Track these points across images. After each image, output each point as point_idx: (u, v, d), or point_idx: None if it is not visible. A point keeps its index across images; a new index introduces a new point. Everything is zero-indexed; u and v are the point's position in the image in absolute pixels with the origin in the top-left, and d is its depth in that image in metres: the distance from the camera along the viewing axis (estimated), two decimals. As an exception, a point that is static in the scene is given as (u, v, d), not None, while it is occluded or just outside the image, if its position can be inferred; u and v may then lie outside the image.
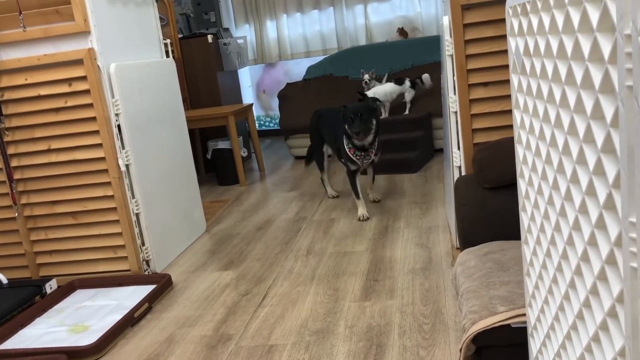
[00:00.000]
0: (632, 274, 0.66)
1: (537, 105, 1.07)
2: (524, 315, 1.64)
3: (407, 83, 4.95)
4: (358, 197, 3.51)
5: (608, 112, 0.70)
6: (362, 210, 3.49)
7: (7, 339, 2.38)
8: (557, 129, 0.95)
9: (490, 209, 2.23)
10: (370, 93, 4.80)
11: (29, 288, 2.70)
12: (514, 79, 1.25)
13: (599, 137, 0.74)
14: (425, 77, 4.98)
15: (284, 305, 2.42)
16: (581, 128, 0.81)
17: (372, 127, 3.41)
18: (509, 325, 1.66)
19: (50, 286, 2.76)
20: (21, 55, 2.76)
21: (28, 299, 2.64)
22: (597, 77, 0.73)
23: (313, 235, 3.26)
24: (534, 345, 1.34)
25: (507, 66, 2.31)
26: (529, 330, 1.37)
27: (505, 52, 2.30)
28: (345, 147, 3.52)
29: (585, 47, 0.75)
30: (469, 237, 2.26)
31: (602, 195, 0.75)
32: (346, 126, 3.42)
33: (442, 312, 2.17)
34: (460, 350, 1.75)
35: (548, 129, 1.01)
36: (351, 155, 3.50)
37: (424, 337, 2.01)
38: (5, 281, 2.77)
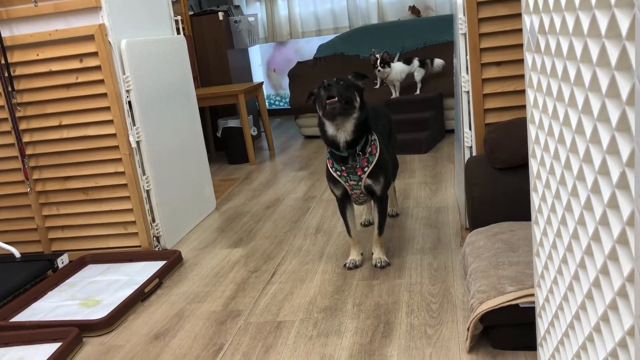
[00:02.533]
0: (644, 253, 0.66)
1: (551, 84, 1.06)
2: (533, 295, 1.65)
3: (416, 62, 4.89)
4: (349, 234, 2.54)
5: (624, 89, 0.69)
6: (352, 255, 2.52)
7: (21, 312, 2.42)
8: (570, 108, 0.94)
9: (500, 190, 2.22)
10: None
11: (41, 262, 2.73)
12: (528, 57, 1.23)
13: (614, 115, 0.73)
14: (438, 62, 4.91)
15: (293, 282, 2.44)
16: (596, 106, 0.80)
17: (354, 99, 2.27)
18: (517, 305, 1.67)
19: (62, 261, 2.80)
20: (32, 31, 2.76)
21: (40, 273, 2.68)
22: (613, 54, 0.72)
23: (322, 214, 3.27)
24: (541, 325, 1.34)
25: (520, 45, 2.28)
26: (537, 310, 1.38)
27: (519, 31, 2.27)
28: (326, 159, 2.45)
29: (603, 23, 0.74)
30: (478, 217, 2.26)
31: (615, 174, 0.75)
32: (316, 105, 2.33)
33: (450, 291, 2.17)
34: (468, 329, 1.76)
35: (562, 107, 1.00)
36: (330, 169, 2.41)
37: (432, 315, 2.02)
38: (18, 255, 2.81)
